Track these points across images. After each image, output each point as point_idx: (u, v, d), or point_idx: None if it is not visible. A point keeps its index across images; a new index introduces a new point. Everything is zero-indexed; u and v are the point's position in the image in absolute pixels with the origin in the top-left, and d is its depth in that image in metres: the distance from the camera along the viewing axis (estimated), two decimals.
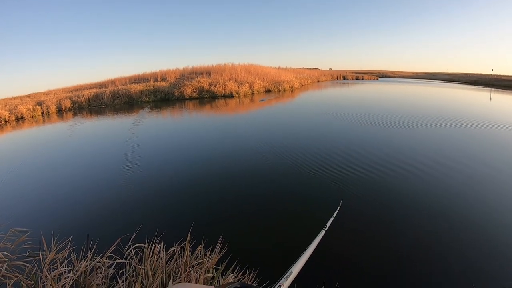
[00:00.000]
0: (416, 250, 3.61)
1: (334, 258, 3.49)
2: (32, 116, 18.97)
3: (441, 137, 8.92)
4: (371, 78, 52.70)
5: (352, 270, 3.35)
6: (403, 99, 21.29)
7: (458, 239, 3.80)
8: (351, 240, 3.87)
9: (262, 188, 5.49)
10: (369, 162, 6.51)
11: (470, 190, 5.24)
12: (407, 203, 4.75)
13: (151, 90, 24.37)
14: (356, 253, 3.63)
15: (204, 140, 9.62)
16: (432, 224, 4.15)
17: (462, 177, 5.80)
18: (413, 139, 8.77)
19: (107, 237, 3.28)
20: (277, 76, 30.71)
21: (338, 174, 5.92)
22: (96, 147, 9.72)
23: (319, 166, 6.41)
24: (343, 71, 63.24)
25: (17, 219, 4.58)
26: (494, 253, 3.53)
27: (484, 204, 4.73)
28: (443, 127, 10.39)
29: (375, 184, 5.43)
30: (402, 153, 7.20)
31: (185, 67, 32.46)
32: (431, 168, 6.16)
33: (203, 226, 4.03)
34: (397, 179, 5.66)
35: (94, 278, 2.31)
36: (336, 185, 5.43)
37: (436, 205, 4.67)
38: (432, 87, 33.83)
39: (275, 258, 3.51)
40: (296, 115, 14.17)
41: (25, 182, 6.63)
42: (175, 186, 5.81)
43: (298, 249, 2.89)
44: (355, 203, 4.72)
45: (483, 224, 4.14)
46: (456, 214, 4.39)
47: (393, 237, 3.90)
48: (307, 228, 4.04)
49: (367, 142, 8.28)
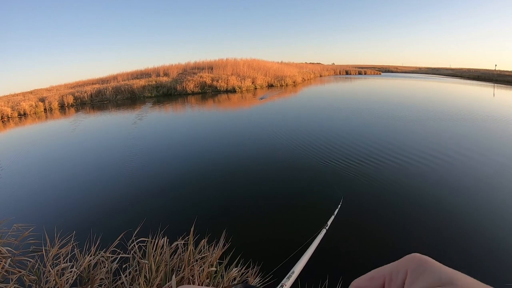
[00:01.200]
0: (418, 246, 3.60)
1: (336, 255, 3.48)
2: (35, 112, 19.04)
3: (441, 132, 8.84)
4: (374, 73, 52.46)
5: (355, 266, 3.33)
6: (404, 93, 21.17)
7: (461, 236, 3.76)
8: (353, 236, 3.85)
9: (265, 184, 5.48)
10: (372, 156, 6.47)
11: (474, 187, 5.17)
12: (410, 199, 4.71)
13: (153, 85, 24.38)
14: (359, 249, 3.61)
15: (208, 135, 9.63)
16: (436, 221, 4.12)
17: (466, 173, 5.75)
18: (415, 133, 8.70)
19: (110, 231, 3.28)
20: (279, 70, 30.60)
21: (339, 170, 5.90)
22: (99, 142, 9.74)
23: (321, 161, 6.38)
24: (345, 65, 63.11)
25: (20, 215, 4.60)
26: (498, 251, 3.50)
27: (487, 202, 4.68)
28: (444, 121, 10.31)
29: (377, 180, 5.38)
30: (411, 146, 7.15)
31: (187, 62, 32.44)
32: (436, 163, 6.11)
33: (206, 221, 4.02)
34: (400, 173, 5.62)
35: (97, 272, 2.31)
36: (337, 180, 5.40)
37: (439, 201, 4.63)
38: (435, 82, 33.62)
39: (278, 253, 3.49)
40: (297, 110, 14.10)
41: (29, 178, 6.65)
42: (178, 180, 5.81)
43: (302, 244, 2.89)
44: (356, 201, 4.67)
45: (485, 221, 4.09)
46: (459, 210, 4.34)
47: (396, 233, 3.88)
48: (310, 222, 4.02)
49: (371, 135, 8.23)
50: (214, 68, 28.47)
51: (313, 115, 12.62)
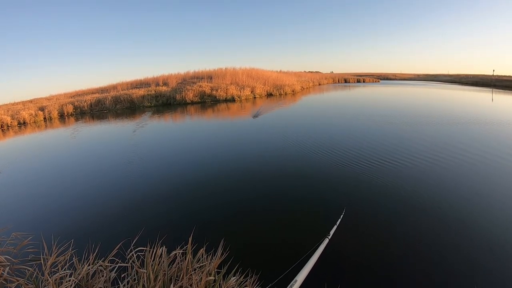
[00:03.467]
0: (420, 254, 3.59)
1: (339, 263, 3.46)
2: (35, 121, 19.10)
3: (442, 136, 8.86)
4: (373, 81, 52.84)
5: (359, 274, 3.32)
6: (403, 100, 21.26)
7: (466, 245, 3.75)
8: (356, 245, 3.84)
9: (264, 192, 5.47)
10: (376, 163, 6.48)
11: (480, 195, 5.10)
12: (413, 206, 4.71)
13: (152, 95, 24.49)
14: (363, 258, 3.59)
15: (205, 145, 9.65)
16: (440, 228, 4.11)
17: (473, 179, 5.74)
18: (421, 139, 8.71)
19: (108, 240, 3.28)
20: (278, 79, 30.83)
21: (342, 178, 5.91)
22: (97, 152, 9.76)
23: (322, 169, 6.41)
24: (344, 73, 63.52)
25: (19, 223, 4.59)
26: (499, 254, 3.50)
27: (491, 205, 4.69)
28: (441, 125, 10.34)
29: (380, 188, 5.38)
30: (416, 151, 7.16)
31: (186, 72, 32.70)
32: (443, 168, 6.11)
33: (205, 229, 4.03)
34: (405, 180, 5.62)
35: (96, 281, 2.31)
36: (340, 189, 5.41)
37: (449, 209, 4.61)
38: (434, 89, 33.74)
39: (277, 261, 3.47)
40: (296, 119, 14.14)
41: (27, 186, 6.65)
42: (176, 189, 5.81)
43: (302, 253, 2.89)
44: (359, 210, 4.62)
45: (488, 226, 4.08)
46: (465, 218, 4.29)
47: (400, 242, 3.87)
48: (309, 231, 4.02)
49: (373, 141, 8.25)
50: (213, 77, 28.67)
51: (315, 122, 12.66)
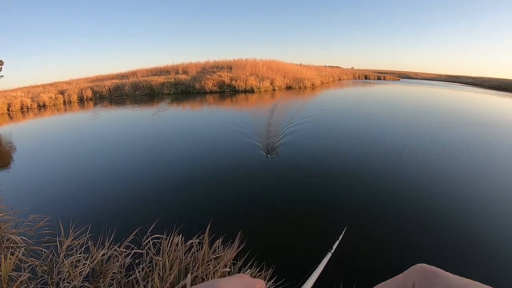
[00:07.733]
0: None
1: (343, 276, 3.35)
2: (54, 104, 19.53)
3: (446, 142, 8.55)
4: (393, 79, 51.59)
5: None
6: (421, 101, 20.70)
7: (473, 252, 3.59)
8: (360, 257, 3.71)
9: (284, 188, 5.34)
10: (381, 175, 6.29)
11: (484, 205, 4.79)
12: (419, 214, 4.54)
13: (172, 83, 24.63)
14: (368, 267, 3.48)
15: (226, 136, 9.48)
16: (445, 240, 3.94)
17: (479, 192, 5.40)
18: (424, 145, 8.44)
19: (125, 226, 3.26)
20: (298, 73, 30.39)
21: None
22: (117, 137, 9.85)
23: (343, 168, 6.26)
24: (364, 70, 62.21)
25: (37, 206, 4.63)
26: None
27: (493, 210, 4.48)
28: (446, 130, 10.00)
29: (385, 198, 5.20)
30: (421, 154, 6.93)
31: (206, 61, 32.62)
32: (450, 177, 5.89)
33: (222, 221, 3.96)
34: (410, 192, 5.43)
35: (110, 266, 2.27)
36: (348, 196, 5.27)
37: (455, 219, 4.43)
38: (456, 90, 32.75)
39: (293, 257, 3.39)
40: (315, 116, 13.89)
41: (46, 170, 6.75)
42: (196, 179, 5.75)
43: (316, 251, 2.78)
44: (361, 224, 4.19)
45: (490, 230, 3.95)
46: (478, 240, 4.05)
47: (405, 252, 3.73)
48: (325, 230, 3.91)
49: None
50: (233, 68, 28.54)
51: (338, 123, 12.41)
